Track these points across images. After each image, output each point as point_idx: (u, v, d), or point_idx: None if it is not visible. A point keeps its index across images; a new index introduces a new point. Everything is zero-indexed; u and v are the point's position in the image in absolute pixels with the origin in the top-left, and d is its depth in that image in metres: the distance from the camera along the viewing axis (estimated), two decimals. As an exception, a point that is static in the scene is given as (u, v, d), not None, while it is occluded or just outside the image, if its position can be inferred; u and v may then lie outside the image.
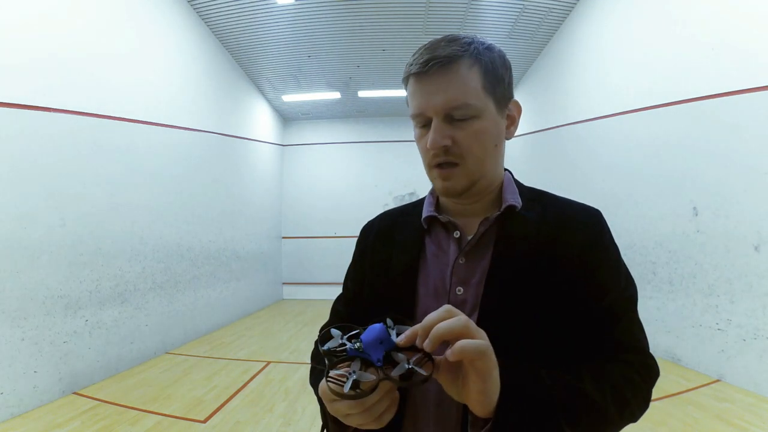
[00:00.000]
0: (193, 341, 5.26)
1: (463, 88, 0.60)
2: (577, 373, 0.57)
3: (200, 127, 5.70)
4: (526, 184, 0.81)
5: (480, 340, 0.47)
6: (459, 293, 0.65)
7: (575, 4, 5.52)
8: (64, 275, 3.38)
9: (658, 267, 4.24)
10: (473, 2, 5.34)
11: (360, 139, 9.67)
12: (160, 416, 2.96)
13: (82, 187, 3.58)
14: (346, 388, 0.46)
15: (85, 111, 3.65)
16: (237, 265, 6.85)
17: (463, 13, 5.57)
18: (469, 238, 0.67)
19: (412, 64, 0.63)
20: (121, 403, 3.17)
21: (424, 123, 0.64)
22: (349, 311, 0.79)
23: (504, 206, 0.67)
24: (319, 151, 9.69)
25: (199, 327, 5.52)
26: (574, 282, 0.62)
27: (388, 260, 0.72)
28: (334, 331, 0.50)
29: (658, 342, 4.23)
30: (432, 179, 0.67)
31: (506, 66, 0.66)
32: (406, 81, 0.66)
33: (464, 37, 0.62)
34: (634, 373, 0.61)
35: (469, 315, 0.61)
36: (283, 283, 9.27)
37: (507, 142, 0.70)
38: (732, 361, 3.38)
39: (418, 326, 0.48)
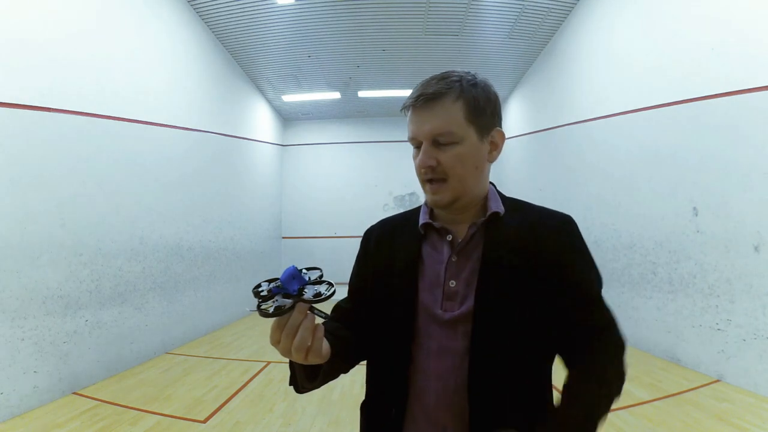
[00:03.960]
0: (193, 341, 5.26)
1: (447, 118, 0.72)
2: (575, 383, 0.73)
3: (200, 128, 5.70)
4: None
5: None
6: (452, 285, 0.76)
7: (575, 4, 5.52)
8: (64, 275, 3.38)
9: (658, 267, 4.24)
10: (473, 2, 5.34)
11: (360, 139, 9.66)
12: (160, 416, 2.96)
13: (82, 188, 3.58)
14: (270, 310, 0.59)
15: (85, 111, 3.65)
16: (237, 265, 6.85)
17: (463, 13, 5.57)
18: (460, 240, 0.78)
19: (409, 98, 0.75)
20: (121, 403, 3.17)
21: (417, 145, 0.77)
22: (352, 305, 0.89)
23: (489, 213, 0.78)
24: (319, 151, 9.69)
25: (199, 327, 5.52)
26: (552, 277, 0.74)
27: (392, 260, 0.83)
28: (263, 284, 0.66)
29: (658, 342, 4.23)
30: (425, 192, 0.79)
31: (489, 99, 0.76)
32: (406, 110, 0.78)
33: (454, 75, 0.74)
34: (609, 361, 0.74)
35: (461, 303, 0.74)
36: (283, 283, 9.27)
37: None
38: (732, 361, 3.38)
39: None
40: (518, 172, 7.57)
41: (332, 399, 3.36)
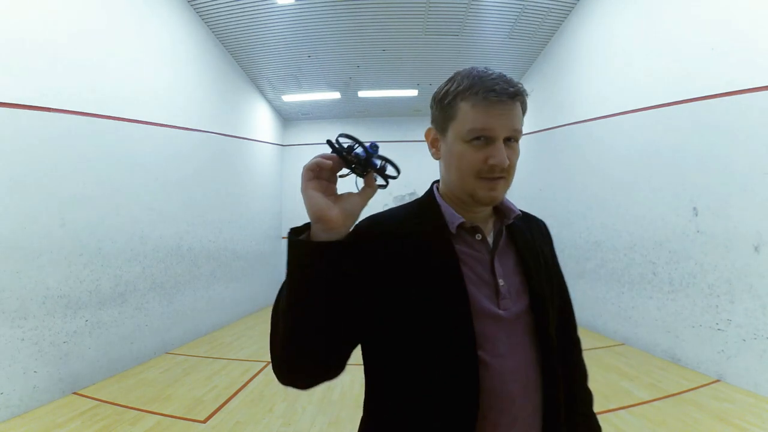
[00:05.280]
0: (193, 341, 5.26)
1: (520, 118, 0.77)
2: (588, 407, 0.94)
3: (200, 128, 5.70)
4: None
5: None
6: (501, 284, 0.78)
7: (575, 4, 5.52)
8: (64, 275, 3.38)
9: (658, 267, 4.24)
10: (473, 2, 5.34)
11: (360, 139, 9.66)
12: (160, 416, 2.96)
13: (82, 188, 3.58)
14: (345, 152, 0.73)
15: (85, 111, 3.65)
16: (237, 265, 6.85)
17: (463, 13, 5.57)
18: (491, 239, 0.83)
19: (490, 90, 0.72)
20: (121, 403, 3.17)
21: (479, 139, 0.74)
22: None
23: (514, 215, 0.84)
24: (319, 151, 9.59)
25: (199, 327, 5.52)
26: (554, 272, 0.89)
27: (414, 261, 0.76)
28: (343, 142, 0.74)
29: (658, 342, 4.23)
30: (472, 188, 0.76)
31: None
32: (462, 99, 0.74)
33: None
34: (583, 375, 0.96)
35: (515, 300, 0.78)
36: (283, 283, 9.28)
37: None
38: (732, 361, 3.38)
39: None
40: (518, 172, 7.30)
41: (332, 399, 3.36)
